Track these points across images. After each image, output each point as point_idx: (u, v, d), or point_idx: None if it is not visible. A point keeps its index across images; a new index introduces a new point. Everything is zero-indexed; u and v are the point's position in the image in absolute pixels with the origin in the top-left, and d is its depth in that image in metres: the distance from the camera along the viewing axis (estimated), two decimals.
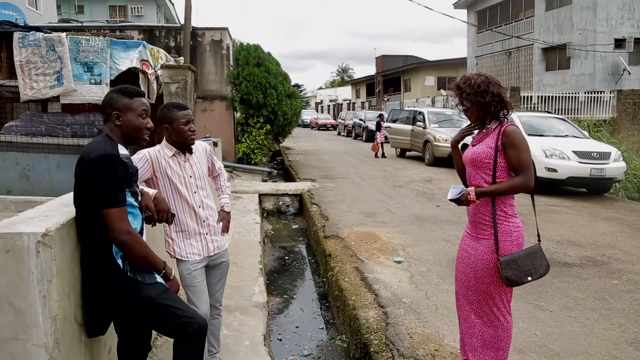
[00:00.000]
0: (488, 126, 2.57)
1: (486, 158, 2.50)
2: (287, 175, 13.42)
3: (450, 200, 2.55)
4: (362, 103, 43.76)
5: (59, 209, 2.18)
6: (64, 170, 7.20)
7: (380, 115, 18.72)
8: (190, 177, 2.80)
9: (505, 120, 2.56)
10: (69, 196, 2.52)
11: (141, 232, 2.22)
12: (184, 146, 2.79)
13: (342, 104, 51.26)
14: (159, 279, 2.20)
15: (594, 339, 3.53)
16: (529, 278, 2.46)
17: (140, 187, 2.63)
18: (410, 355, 3.27)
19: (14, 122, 7.17)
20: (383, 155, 16.50)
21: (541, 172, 9.22)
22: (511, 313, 2.64)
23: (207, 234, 2.87)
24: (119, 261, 2.07)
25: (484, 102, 2.50)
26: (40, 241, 1.82)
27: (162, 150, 2.76)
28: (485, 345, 2.58)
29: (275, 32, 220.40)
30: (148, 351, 2.39)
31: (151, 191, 2.56)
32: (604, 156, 9.25)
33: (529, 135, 9.92)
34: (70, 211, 2.12)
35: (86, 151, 2.02)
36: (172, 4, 31.95)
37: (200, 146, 2.95)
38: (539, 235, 2.72)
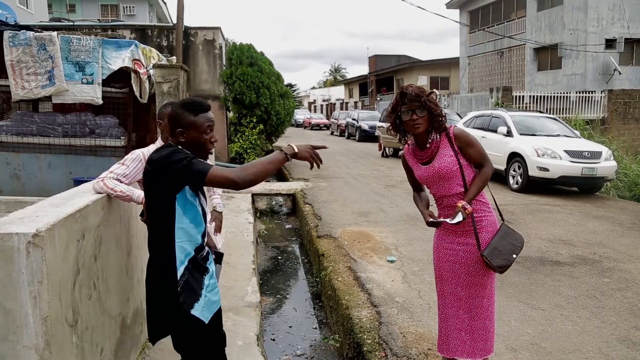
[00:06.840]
0: (432, 138, 2.59)
1: (454, 166, 2.56)
2: (279, 174, 13.40)
3: (456, 223, 2.53)
4: (355, 103, 43.73)
5: (50, 209, 2.16)
6: (55, 170, 7.16)
7: None
8: None
9: (445, 126, 2.60)
10: (60, 196, 2.50)
11: (204, 236, 2.17)
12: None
13: (335, 104, 51.23)
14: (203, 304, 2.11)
15: (585, 337, 3.56)
16: (514, 256, 2.58)
17: (132, 187, 2.63)
18: (403, 355, 3.28)
19: (3, 121, 7.11)
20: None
21: (533, 172, 9.29)
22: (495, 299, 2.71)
23: None
24: (179, 270, 2.05)
25: (437, 113, 2.53)
26: (30, 242, 1.80)
27: None
28: (474, 339, 2.62)
29: (270, 32, 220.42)
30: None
31: (142, 194, 2.55)
32: (595, 155, 9.32)
33: (521, 134, 10.03)
34: (61, 211, 2.11)
35: (154, 155, 2.05)
36: (165, 3, 31.77)
37: None
38: (501, 215, 2.83)
